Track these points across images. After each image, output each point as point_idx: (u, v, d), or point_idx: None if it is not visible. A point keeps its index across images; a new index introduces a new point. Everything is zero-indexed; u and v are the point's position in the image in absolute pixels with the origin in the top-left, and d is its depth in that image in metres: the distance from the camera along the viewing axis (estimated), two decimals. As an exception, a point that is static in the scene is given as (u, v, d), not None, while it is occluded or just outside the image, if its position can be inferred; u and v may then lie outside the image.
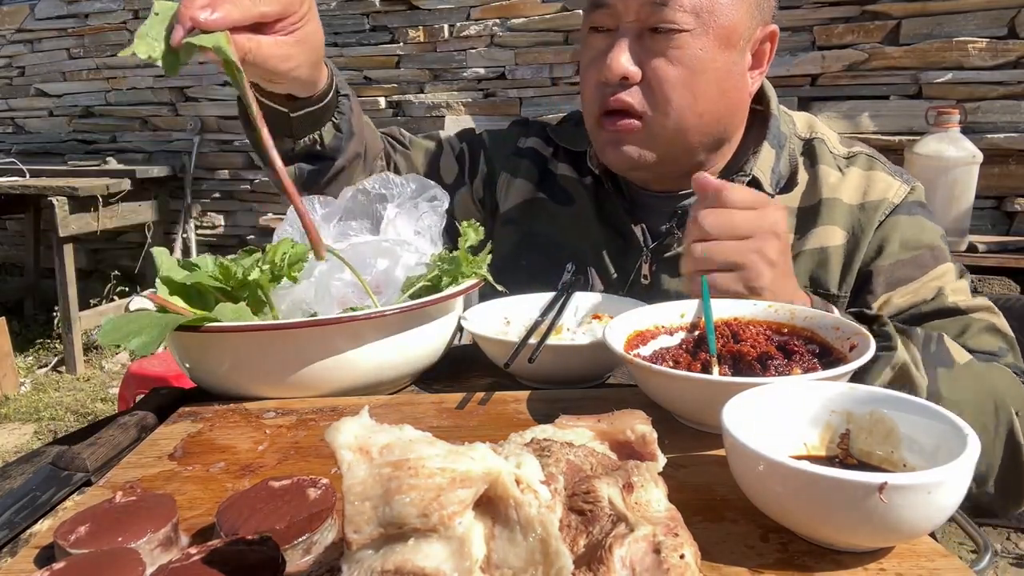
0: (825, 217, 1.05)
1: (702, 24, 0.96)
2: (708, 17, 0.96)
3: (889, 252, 1.03)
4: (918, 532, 0.48)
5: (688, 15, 0.95)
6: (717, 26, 0.97)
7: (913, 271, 1.03)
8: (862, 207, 1.06)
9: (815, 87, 3.40)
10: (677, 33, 0.96)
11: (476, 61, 4.10)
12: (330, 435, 0.39)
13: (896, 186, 1.07)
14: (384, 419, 0.46)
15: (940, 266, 1.03)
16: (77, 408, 3.75)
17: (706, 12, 0.96)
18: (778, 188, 1.07)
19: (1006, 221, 3.18)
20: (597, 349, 0.80)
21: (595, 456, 0.50)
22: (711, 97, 1.00)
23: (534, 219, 1.20)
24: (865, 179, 1.07)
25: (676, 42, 0.96)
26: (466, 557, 0.38)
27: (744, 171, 1.06)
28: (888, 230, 1.04)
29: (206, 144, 4.85)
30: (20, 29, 5.11)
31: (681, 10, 0.95)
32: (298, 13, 0.86)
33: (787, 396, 0.59)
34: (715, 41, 0.97)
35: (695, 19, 0.95)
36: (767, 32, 1.03)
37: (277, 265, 0.83)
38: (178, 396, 0.86)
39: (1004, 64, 3.08)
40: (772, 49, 1.06)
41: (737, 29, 0.98)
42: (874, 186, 1.07)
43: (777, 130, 1.09)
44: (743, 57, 1.02)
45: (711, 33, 0.97)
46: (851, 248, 1.04)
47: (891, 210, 1.05)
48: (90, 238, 4.77)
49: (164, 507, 0.54)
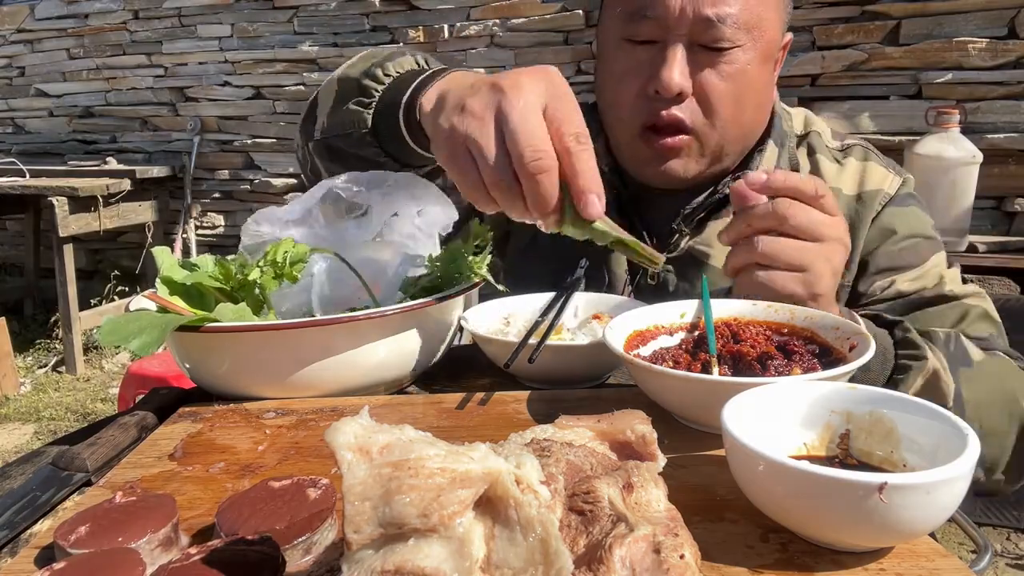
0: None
1: (752, 39, 0.96)
2: (757, 33, 0.96)
3: (892, 239, 1.06)
4: (918, 532, 0.48)
5: (741, 31, 0.95)
6: (763, 40, 0.97)
7: (914, 257, 1.05)
8: (859, 197, 1.08)
9: (815, 87, 3.40)
10: (729, 49, 0.95)
11: (476, 61, 4.09)
12: (330, 435, 0.39)
13: (890, 178, 1.09)
14: (384, 419, 0.46)
15: (936, 254, 1.06)
16: (77, 408, 3.75)
17: (756, 28, 0.96)
18: None
19: (1006, 221, 3.18)
20: (597, 349, 0.80)
21: (595, 456, 0.50)
22: (752, 108, 1.01)
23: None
24: (861, 170, 1.10)
25: (727, 57, 0.95)
26: (466, 557, 0.38)
27: (751, 169, 1.06)
28: (886, 219, 1.07)
29: (206, 144, 4.85)
30: (20, 29, 5.11)
31: (735, 27, 0.94)
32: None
33: (787, 396, 0.59)
34: (759, 55, 0.98)
35: (746, 34, 0.95)
36: (786, 40, 1.05)
37: (278, 265, 0.83)
38: (178, 396, 0.86)
39: (1004, 64, 3.08)
40: (784, 56, 1.07)
41: (775, 41, 1.00)
42: (870, 176, 1.09)
43: (780, 128, 1.11)
44: (773, 67, 1.04)
45: (758, 48, 0.97)
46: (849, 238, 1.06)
47: (887, 201, 1.07)
48: (90, 238, 4.78)
49: (164, 507, 0.54)
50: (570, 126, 0.65)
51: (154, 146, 5.00)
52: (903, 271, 1.05)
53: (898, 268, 1.05)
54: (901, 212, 1.07)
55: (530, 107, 0.65)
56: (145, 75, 4.91)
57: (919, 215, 1.08)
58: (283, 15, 4.48)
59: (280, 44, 4.51)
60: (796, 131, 1.15)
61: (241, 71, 4.65)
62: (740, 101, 0.98)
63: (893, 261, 1.05)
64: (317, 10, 4.39)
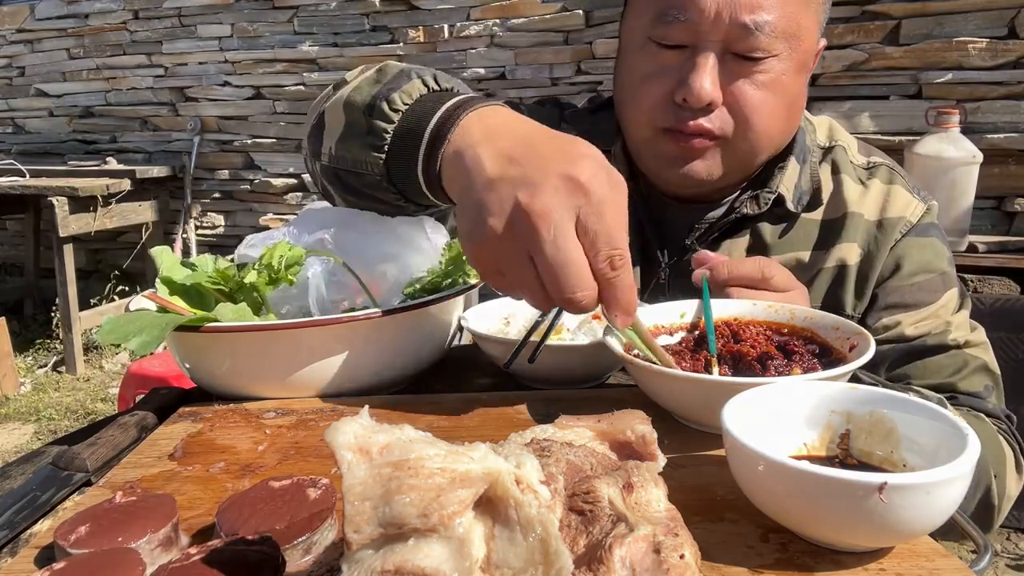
0: (849, 233, 1.03)
1: (789, 48, 0.92)
2: (795, 42, 0.92)
3: (904, 273, 1.02)
4: (918, 532, 0.48)
5: (779, 41, 0.90)
6: (801, 50, 0.93)
7: (924, 295, 1.02)
8: (880, 224, 1.04)
9: (815, 87, 3.40)
10: (766, 59, 0.91)
11: (476, 61, 4.10)
12: (330, 435, 0.39)
13: (914, 204, 1.05)
14: (384, 419, 0.46)
15: (948, 292, 1.03)
16: (77, 408, 3.75)
17: (794, 36, 0.91)
18: (800, 205, 1.04)
19: (1006, 221, 3.18)
20: (597, 349, 0.80)
21: (595, 456, 0.50)
22: (783, 119, 0.97)
23: None
24: (885, 193, 1.06)
25: (763, 66, 0.91)
26: (466, 557, 0.38)
27: (770, 187, 1.03)
28: (903, 250, 1.03)
29: (206, 144, 4.85)
30: (20, 29, 5.11)
31: (773, 36, 0.89)
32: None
33: (787, 396, 0.59)
34: (795, 65, 0.94)
35: (783, 43, 0.91)
36: (820, 47, 1.01)
37: (274, 268, 0.82)
38: (178, 396, 0.86)
39: (1004, 64, 3.08)
40: (816, 61, 1.02)
41: (811, 50, 0.96)
42: (893, 202, 1.05)
43: (803, 143, 1.06)
44: (807, 77, 0.99)
45: (794, 57, 0.93)
46: (865, 267, 1.03)
47: (907, 230, 1.04)
48: (90, 238, 4.78)
49: (164, 507, 0.54)
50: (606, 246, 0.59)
51: (154, 146, 5.00)
52: (911, 310, 1.02)
53: (907, 306, 1.02)
54: (919, 244, 1.03)
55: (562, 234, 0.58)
56: (145, 75, 4.91)
57: (937, 247, 1.05)
58: (283, 15, 4.48)
59: (280, 44, 4.51)
60: (819, 142, 1.10)
61: (241, 71, 4.65)
62: (774, 113, 0.94)
63: (903, 298, 1.02)
64: (317, 10, 4.39)
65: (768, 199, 1.02)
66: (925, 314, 1.02)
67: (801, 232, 1.05)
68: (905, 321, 1.02)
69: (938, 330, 1.02)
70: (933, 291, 1.02)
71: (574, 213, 0.59)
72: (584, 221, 0.59)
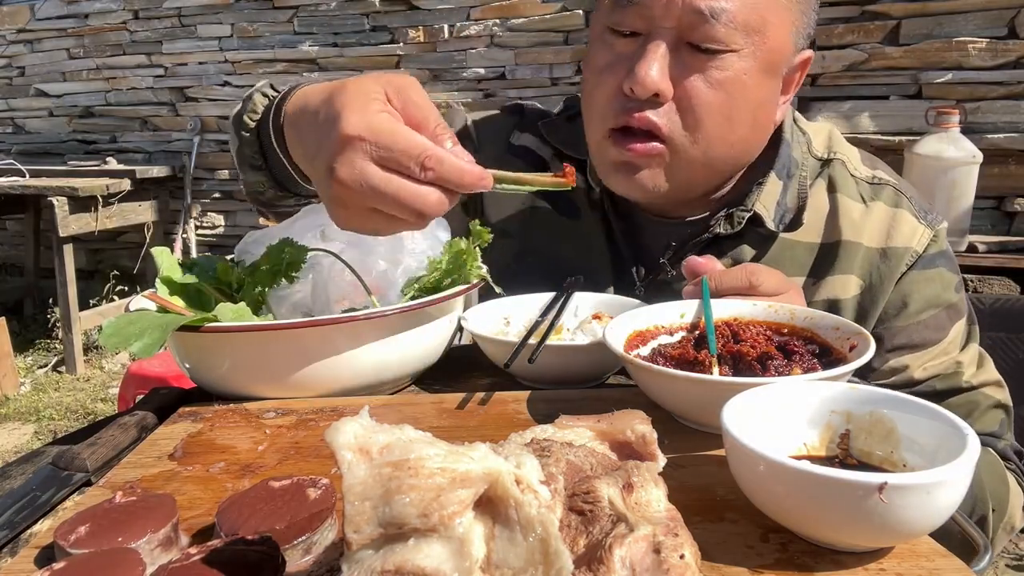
0: (843, 263, 0.97)
1: (751, 44, 0.85)
2: (758, 38, 0.85)
3: (911, 311, 0.97)
4: (918, 532, 0.48)
5: (738, 33, 0.83)
6: (765, 49, 0.86)
7: (931, 334, 0.97)
8: (884, 254, 0.97)
9: (815, 87, 3.40)
10: (723, 52, 0.84)
11: (476, 61, 4.10)
12: (330, 435, 0.39)
13: (920, 231, 0.98)
14: (384, 419, 0.46)
15: (955, 325, 0.98)
16: (77, 408, 3.75)
17: (756, 32, 0.84)
18: (782, 225, 0.98)
19: (1006, 221, 3.18)
20: (597, 349, 0.80)
21: (595, 456, 0.50)
22: (745, 127, 0.90)
23: (535, 231, 1.09)
24: (889, 219, 0.98)
25: (719, 62, 0.85)
26: (466, 557, 0.38)
27: (745, 205, 0.96)
28: (909, 286, 0.97)
29: (206, 144, 4.85)
30: (20, 29, 5.11)
31: (731, 26, 0.83)
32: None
33: (787, 396, 0.59)
34: (760, 65, 0.87)
35: (744, 38, 0.84)
36: (804, 58, 0.93)
37: (276, 265, 0.83)
38: (178, 396, 0.86)
39: (1004, 64, 3.09)
40: (802, 76, 0.96)
41: (783, 53, 0.89)
42: (899, 229, 0.97)
43: (787, 158, 0.99)
44: (779, 84, 0.92)
45: (758, 56, 0.86)
46: (867, 301, 0.97)
47: (913, 261, 0.97)
48: (90, 238, 4.78)
49: (164, 507, 0.54)
50: (410, 160, 0.64)
51: (154, 146, 5.00)
52: (918, 350, 0.97)
53: (914, 346, 0.97)
54: (925, 277, 0.97)
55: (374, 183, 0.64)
56: (145, 75, 4.91)
57: (944, 278, 0.98)
58: (283, 15, 4.48)
59: (280, 44, 4.51)
60: (817, 153, 1.02)
61: (241, 71, 4.65)
62: (730, 116, 0.87)
63: (910, 338, 0.97)
64: (317, 10, 4.40)
65: (742, 218, 0.96)
66: (934, 353, 0.97)
67: (788, 254, 0.98)
68: (913, 364, 0.97)
69: (948, 371, 0.97)
70: (940, 328, 0.97)
71: (368, 158, 0.64)
72: (380, 160, 0.64)
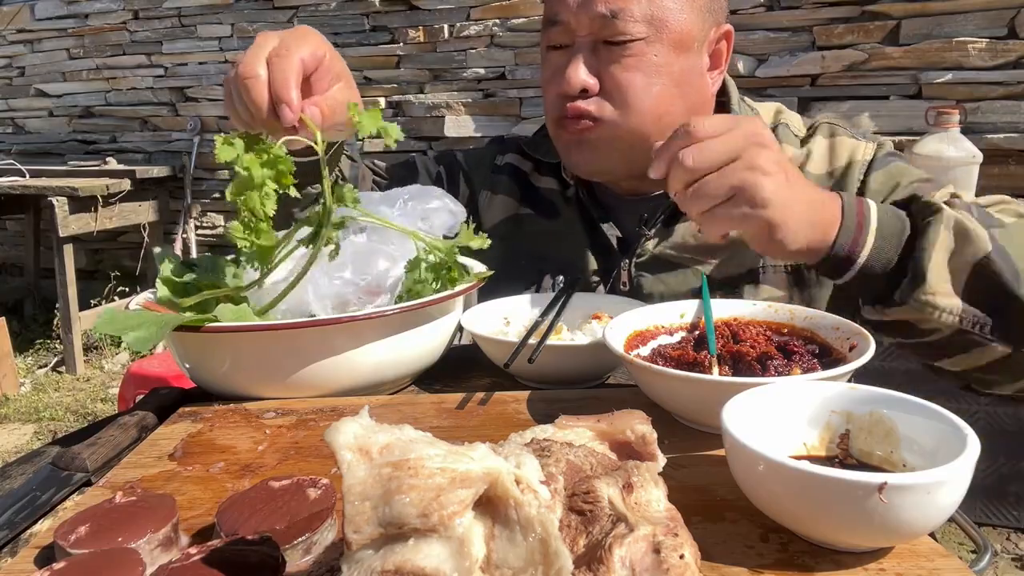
0: None
1: (655, 31, 0.98)
2: (660, 24, 0.98)
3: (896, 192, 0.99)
4: (918, 532, 0.48)
5: (640, 24, 0.97)
6: (670, 31, 0.98)
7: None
8: (830, 175, 1.04)
9: (815, 87, 3.40)
10: (631, 42, 0.97)
11: (476, 61, 4.10)
12: (330, 435, 0.39)
13: (862, 146, 1.05)
14: (384, 419, 0.46)
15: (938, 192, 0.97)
16: (77, 408, 3.75)
17: (657, 20, 0.98)
18: None
19: (1006, 221, 3.17)
20: (597, 349, 0.80)
21: (595, 456, 0.50)
22: (670, 99, 1.01)
23: (520, 233, 1.20)
24: (828, 147, 1.07)
25: (630, 50, 0.98)
26: (466, 557, 0.38)
27: None
28: (873, 186, 1.01)
29: (206, 144, 4.84)
30: (20, 29, 5.11)
31: (632, 20, 0.97)
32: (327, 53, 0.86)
33: (787, 396, 0.59)
34: (669, 46, 0.99)
35: (647, 27, 0.97)
36: (721, 32, 1.05)
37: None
38: (178, 396, 0.86)
39: (1004, 64, 3.08)
40: (729, 48, 1.07)
41: (690, 32, 1.00)
42: (839, 151, 1.05)
43: None
44: (700, 59, 1.04)
45: (664, 39, 0.98)
46: None
47: (866, 168, 1.03)
48: (90, 238, 4.77)
49: (164, 507, 0.54)
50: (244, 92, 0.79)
51: (154, 146, 5.00)
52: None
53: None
54: (886, 174, 1.01)
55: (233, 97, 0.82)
56: (145, 75, 4.90)
57: (904, 168, 1.02)
58: (283, 15, 4.48)
59: (280, 44, 4.50)
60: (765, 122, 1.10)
61: (241, 71, 4.64)
62: (651, 92, 0.99)
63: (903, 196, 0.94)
64: (317, 10, 4.40)
65: None
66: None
67: None
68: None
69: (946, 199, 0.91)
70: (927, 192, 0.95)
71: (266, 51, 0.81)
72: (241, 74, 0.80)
